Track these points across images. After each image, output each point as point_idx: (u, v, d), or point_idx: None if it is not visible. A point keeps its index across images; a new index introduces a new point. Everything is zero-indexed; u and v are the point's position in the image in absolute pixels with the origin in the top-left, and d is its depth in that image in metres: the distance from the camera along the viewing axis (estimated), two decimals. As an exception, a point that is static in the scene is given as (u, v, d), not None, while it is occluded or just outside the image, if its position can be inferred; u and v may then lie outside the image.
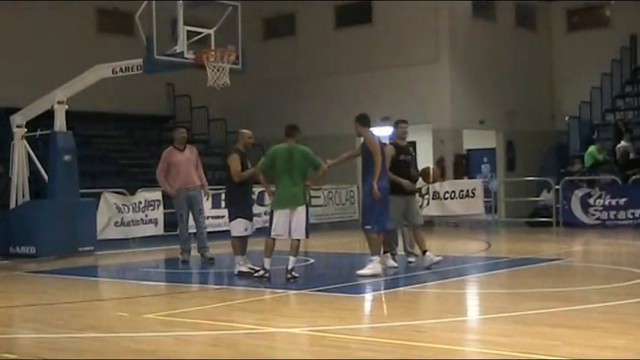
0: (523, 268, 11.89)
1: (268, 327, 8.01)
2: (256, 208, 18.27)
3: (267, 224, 11.29)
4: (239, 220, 11.63)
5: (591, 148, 21.57)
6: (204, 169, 14.30)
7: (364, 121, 11.63)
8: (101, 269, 14.30)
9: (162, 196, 17.38)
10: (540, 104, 26.50)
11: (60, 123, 15.57)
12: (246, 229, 11.68)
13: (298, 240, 11.05)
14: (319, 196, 21.71)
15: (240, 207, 11.71)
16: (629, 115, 24.13)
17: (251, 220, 11.82)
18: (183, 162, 13.74)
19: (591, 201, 19.77)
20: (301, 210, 11.04)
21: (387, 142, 12.49)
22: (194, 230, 14.17)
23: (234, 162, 11.64)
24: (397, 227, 12.20)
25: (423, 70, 24.13)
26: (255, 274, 11.12)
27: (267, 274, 11.01)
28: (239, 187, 11.69)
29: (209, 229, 18.07)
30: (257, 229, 12.78)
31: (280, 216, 11.00)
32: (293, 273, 10.86)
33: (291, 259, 10.90)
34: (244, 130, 12.16)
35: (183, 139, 13.97)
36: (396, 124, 12.58)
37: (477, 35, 24.77)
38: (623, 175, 20.30)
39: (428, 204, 21.25)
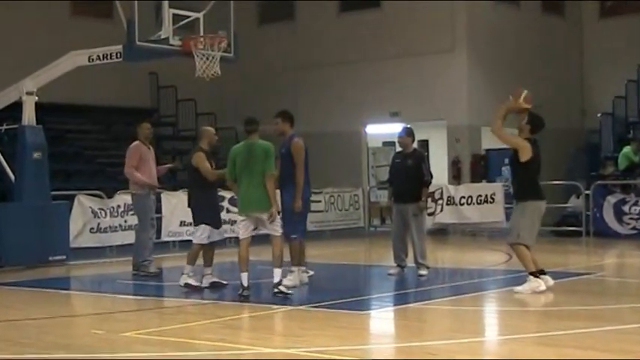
0: (548, 283, 11.86)
1: (262, 347, 8.01)
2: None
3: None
4: (202, 226, 11.79)
5: (626, 149, 21.53)
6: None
7: (291, 119, 11.85)
8: (74, 281, 14.30)
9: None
10: (569, 99, 26.49)
11: (29, 116, 15.56)
12: (209, 237, 11.80)
13: (280, 248, 10.96)
14: (320, 201, 21.70)
15: (204, 212, 11.87)
16: (669, 112, 24.14)
17: (217, 227, 11.95)
18: (152, 160, 13.78)
19: (626, 208, 19.76)
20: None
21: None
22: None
23: (203, 160, 11.77)
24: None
25: (436, 61, 24.12)
26: (238, 293, 10.92)
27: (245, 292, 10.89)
28: (204, 190, 11.86)
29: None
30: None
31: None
32: (280, 287, 10.78)
33: (276, 271, 10.87)
34: (208, 128, 12.38)
35: (150, 134, 14.00)
36: None
37: (497, 22, 24.76)
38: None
39: (442, 210, 21.25)
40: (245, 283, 10.84)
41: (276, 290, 10.73)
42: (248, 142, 11.09)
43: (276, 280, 10.77)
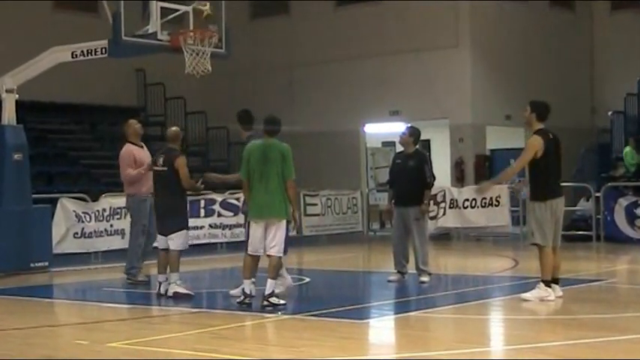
0: (557, 290, 11.89)
1: (256, 358, 8.02)
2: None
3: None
4: (185, 231, 12.00)
5: (626, 149, 21.53)
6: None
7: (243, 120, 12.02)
8: (57, 289, 14.28)
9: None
10: (578, 97, 26.53)
11: (9, 115, 15.54)
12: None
13: (278, 257, 10.94)
14: (316, 204, 21.72)
15: (185, 216, 12.14)
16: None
17: None
18: (148, 160, 13.69)
19: (638, 211, 19.79)
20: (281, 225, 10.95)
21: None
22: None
23: (184, 166, 11.89)
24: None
25: (439, 57, 24.14)
26: (238, 301, 11.03)
27: (247, 300, 10.92)
28: (183, 194, 12.05)
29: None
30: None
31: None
32: (271, 300, 10.75)
33: (270, 281, 10.83)
34: (175, 128, 12.51)
35: (140, 130, 13.87)
36: None
37: (503, 15, 24.80)
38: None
39: (444, 214, 21.26)
40: (247, 291, 10.82)
41: (265, 303, 10.65)
42: (264, 142, 11.02)
43: (267, 291, 10.69)
